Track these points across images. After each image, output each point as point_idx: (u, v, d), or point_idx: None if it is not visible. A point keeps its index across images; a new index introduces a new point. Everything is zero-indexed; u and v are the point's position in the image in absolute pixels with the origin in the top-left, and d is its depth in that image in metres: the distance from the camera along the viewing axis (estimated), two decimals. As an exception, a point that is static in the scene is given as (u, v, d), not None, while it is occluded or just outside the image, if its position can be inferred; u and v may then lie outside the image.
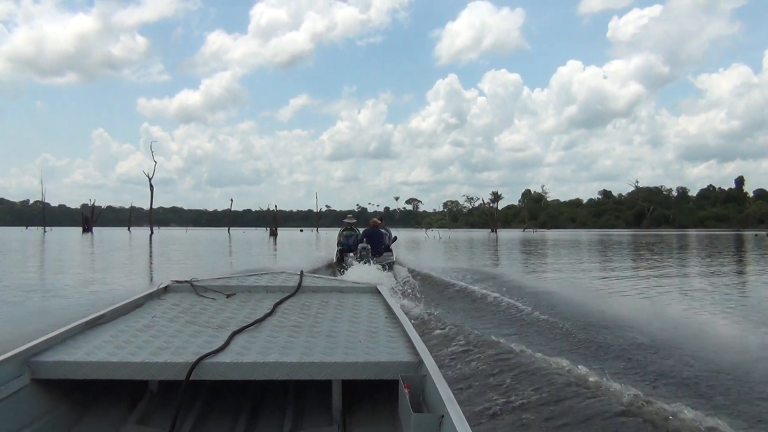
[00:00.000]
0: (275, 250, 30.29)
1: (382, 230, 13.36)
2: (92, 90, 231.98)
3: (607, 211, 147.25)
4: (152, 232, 63.31)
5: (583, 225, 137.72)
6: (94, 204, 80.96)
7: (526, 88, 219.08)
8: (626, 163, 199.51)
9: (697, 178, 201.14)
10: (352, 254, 12.70)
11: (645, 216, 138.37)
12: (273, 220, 65.45)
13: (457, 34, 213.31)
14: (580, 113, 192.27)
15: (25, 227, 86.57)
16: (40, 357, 2.23)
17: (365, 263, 11.87)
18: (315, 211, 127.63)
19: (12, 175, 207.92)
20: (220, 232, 79.48)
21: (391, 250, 13.28)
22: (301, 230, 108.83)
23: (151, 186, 70.52)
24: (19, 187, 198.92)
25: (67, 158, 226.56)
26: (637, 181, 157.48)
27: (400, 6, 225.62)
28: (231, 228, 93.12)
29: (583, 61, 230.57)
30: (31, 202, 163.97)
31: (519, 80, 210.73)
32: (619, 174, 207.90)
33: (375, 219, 13.89)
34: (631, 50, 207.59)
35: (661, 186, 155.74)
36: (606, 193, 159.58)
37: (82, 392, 2.46)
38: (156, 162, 71.55)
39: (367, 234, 13.04)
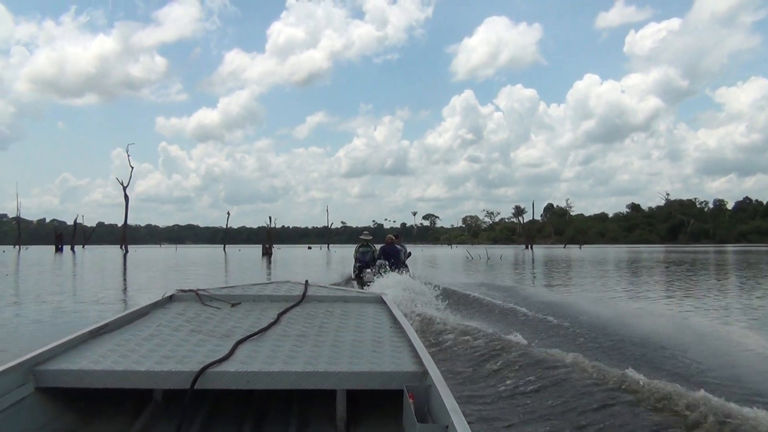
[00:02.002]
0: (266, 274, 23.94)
1: (398, 246, 13.58)
2: (111, 110, 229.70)
3: (638, 226, 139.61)
4: (126, 251, 54.43)
5: (614, 240, 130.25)
6: (76, 221, 73.96)
7: (543, 104, 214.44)
8: (645, 178, 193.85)
9: (717, 192, 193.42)
10: (369, 270, 12.90)
11: (681, 230, 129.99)
12: (267, 236, 57.61)
13: (474, 50, 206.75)
14: (598, 128, 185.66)
15: (12, 246, 79.01)
16: (44, 366, 2.22)
17: (392, 271, 12.02)
18: (328, 227, 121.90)
19: (33, 195, 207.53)
20: (214, 251, 72.91)
21: (407, 266, 13.42)
22: (309, 247, 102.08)
23: (126, 197, 61.97)
24: (39, 207, 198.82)
25: (87, 178, 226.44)
26: (668, 194, 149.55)
27: (416, 23, 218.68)
28: (229, 245, 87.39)
29: (601, 75, 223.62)
30: (47, 220, 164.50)
31: (535, 95, 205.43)
32: (637, 189, 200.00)
33: (390, 236, 14.05)
34: (649, 64, 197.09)
35: (695, 198, 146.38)
36: (635, 207, 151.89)
37: (87, 401, 2.45)
38: (133, 167, 63.15)
39: (383, 250, 13.36)
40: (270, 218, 63.97)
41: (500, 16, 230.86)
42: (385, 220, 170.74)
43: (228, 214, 77.67)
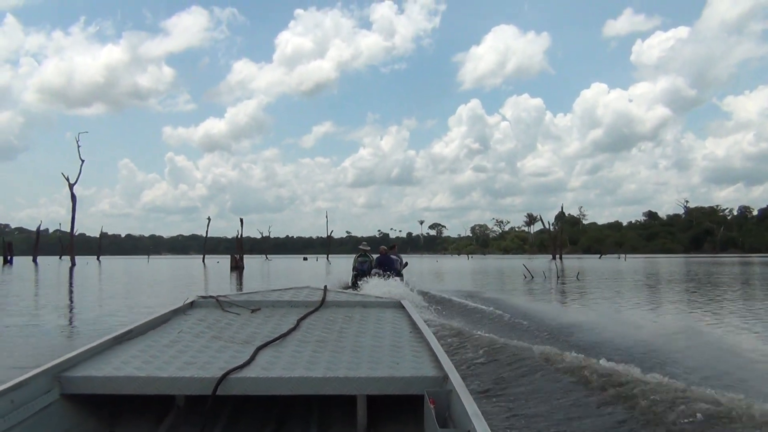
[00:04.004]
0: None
1: (393, 257, 14.10)
2: (119, 120, 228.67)
3: (657, 234, 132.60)
4: (74, 264, 46.04)
5: (634, 249, 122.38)
6: (39, 228, 67.77)
7: (549, 113, 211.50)
8: (652, 187, 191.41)
9: (725, 201, 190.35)
10: (366, 279, 13.33)
11: (706, 238, 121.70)
12: (238, 246, 50.42)
13: (481, 59, 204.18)
14: (605, 137, 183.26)
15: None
16: (69, 372, 2.27)
17: (383, 278, 12.66)
18: (331, 236, 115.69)
19: (40, 205, 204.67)
20: (191, 262, 66.67)
21: (401, 275, 13.68)
22: (305, 258, 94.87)
23: (72, 196, 53.48)
24: (47, 217, 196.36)
25: (94, 187, 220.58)
26: (687, 201, 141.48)
27: (424, 33, 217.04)
28: (223, 256, 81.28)
29: (608, 84, 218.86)
30: (50, 231, 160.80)
31: (542, 105, 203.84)
32: (645, 198, 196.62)
33: (384, 247, 14.63)
34: (657, 73, 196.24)
35: (717, 206, 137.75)
36: (652, 215, 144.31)
37: (111, 407, 2.48)
38: (83, 161, 54.04)
39: (379, 261, 13.93)
40: (241, 220, 55.52)
41: (508, 25, 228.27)
42: (391, 229, 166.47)
43: (209, 219, 70.59)
